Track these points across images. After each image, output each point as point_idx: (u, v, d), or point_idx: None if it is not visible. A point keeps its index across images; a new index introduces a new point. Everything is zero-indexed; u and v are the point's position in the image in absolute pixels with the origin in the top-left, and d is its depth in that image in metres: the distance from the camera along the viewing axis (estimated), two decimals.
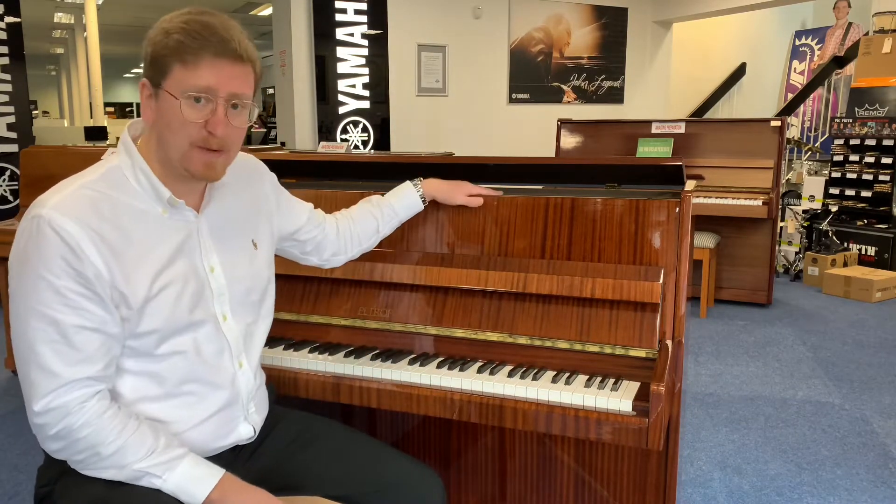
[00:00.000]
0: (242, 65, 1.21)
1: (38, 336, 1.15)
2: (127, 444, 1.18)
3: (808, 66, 9.50)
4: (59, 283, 1.14)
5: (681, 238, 1.59)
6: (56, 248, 1.13)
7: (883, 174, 5.76)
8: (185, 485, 1.21)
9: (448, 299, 1.69)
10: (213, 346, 1.31)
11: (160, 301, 1.23)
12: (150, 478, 1.20)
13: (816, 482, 2.55)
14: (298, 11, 6.43)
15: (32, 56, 11.05)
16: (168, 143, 1.21)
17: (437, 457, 1.95)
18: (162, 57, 1.18)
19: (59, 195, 1.17)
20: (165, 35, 1.17)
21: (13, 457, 2.74)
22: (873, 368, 3.70)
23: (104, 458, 1.18)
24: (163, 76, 1.19)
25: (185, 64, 1.17)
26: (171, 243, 1.26)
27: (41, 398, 1.15)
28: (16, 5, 5.06)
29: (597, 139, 5.07)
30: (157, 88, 1.20)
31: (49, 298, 1.14)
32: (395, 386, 1.55)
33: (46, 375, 1.15)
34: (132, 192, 1.23)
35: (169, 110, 1.19)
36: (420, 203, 1.76)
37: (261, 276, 1.44)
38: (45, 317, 1.14)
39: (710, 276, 4.72)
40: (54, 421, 1.16)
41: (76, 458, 1.20)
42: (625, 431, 1.37)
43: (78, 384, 1.16)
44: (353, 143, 6.63)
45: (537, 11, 7.72)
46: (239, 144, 1.29)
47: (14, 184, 5.07)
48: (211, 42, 1.17)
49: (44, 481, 1.29)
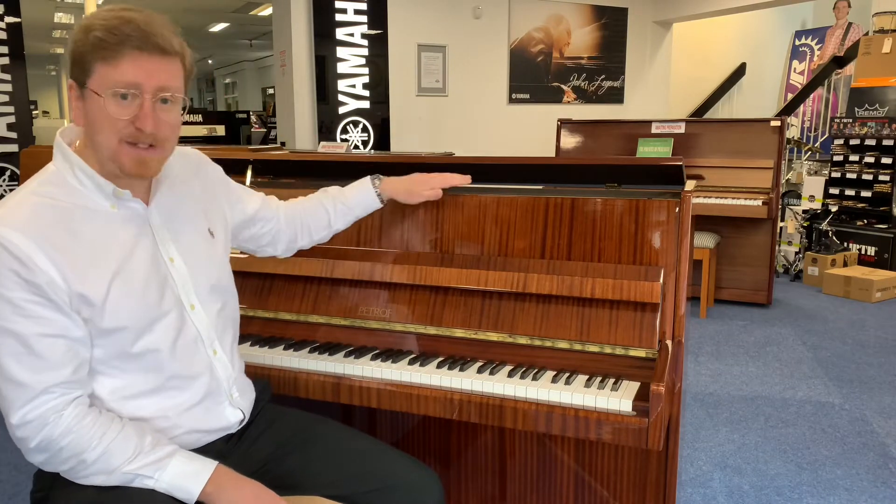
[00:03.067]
0: (167, 58, 1.19)
1: (1, 350, 1.14)
2: (111, 447, 1.18)
3: (808, 66, 9.49)
4: (12, 295, 1.13)
5: (681, 238, 1.59)
6: (4, 261, 1.13)
7: (883, 174, 5.76)
8: (178, 482, 1.20)
9: (448, 299, 1.69)
10: (185, 337, 1.31)
11: (123, 296, 1.22)
12: (142, 479, 1.19)
13: (816, 482, 2.55)
14: (298, 11, 6.43)
15: (32, 56, 11.04)
16: (98, 142, 1.20)
17: (437, 457, 1.95)
18: (83, 55, 1.17)
19: (3, 208, 1.17)
20: (86, 33, 1.16)
21: (13, 457, 2.74)
22: (873, 368, 3.70)
23: (90, 464, 1.18)
24: (87, 75, 1.17)
25: (106, 61, 1.15)
26: (125, 238, 1.26)
27: (17, 411, 1.15)
28: (16, 5, 5.06)
29: (597, 139, 5.07)
30: (82, 88, 1.19)
31: (4, 311, 1.13)
32: (395, 386, 1.55)
33: (16, 387, 1.15)
34: (76, 192, 1.23)
35: (95, 109, 1.18)
36: (377, 201, 1.74)
37: (223, 263, 1.44)
38: (4, 330, 1.14)
39: (710, 276, 4.72)
40: (33, 433, 1.16)
41: (63, 468, 1.19)
42: (625, 431, 1.38)
43: (51, 393, 1.16)
44: (353, 143, 6.63)
45: (537, 11, 7.71)
46: (174, 139, 1.27)
47: (14, 184, 5.07)
48: (131, 37, 1.15)
49: (39, 486, 1.30)
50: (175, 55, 1.21)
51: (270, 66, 15.51)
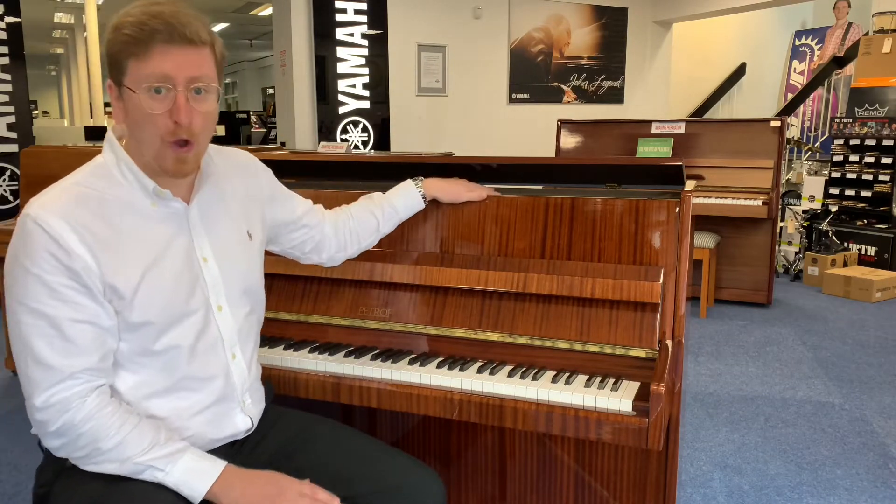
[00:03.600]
0: (197, 48, 1.19)
1: (32, 331, 1.15)
2: (128, 438, 1.19)
3: (808, 66, 9.50)
4: (49, 278, 1.15)
5: (681, 238, 1.59)
6: (42, 243, 1.14)
7: (883, 174, 5.76)
8: (187, 477, 1.21)
9: (448, 299, 1.69)
10: (207, 338, 1.31)
11: (153, 291, 1.23)
12: (153, 471, 1.20)
13: (816, 482, 2.55)
14: (298, 11, 6.43)
15: (32, 56, 11.03)
16: (141, 141, 1.21)
17: (437, 457, 1.95)
18: (116, 54, 1.18)
19: (46, 195, 1.19)
20: (116, 31, 1.17)
21: (13, 457, 2.74)
22: (873, 368, 3.70)
23: (105, 451, 1.18)
24: (122, 73, 1.18)
25: (137, 57, 1.16)
26: (162, 234, 1.27)
27: (41, 393, 1.16)
28: (16, 5, 5.06)
29: (597, 139, 5.06)
30: (119, 87, 1.20)
31: (39, 293, 1.15)
32: (395, 386, 1.55)
33: (44, 370, 1.16)
34: (119, 186, 1.24)
35: (133, 107, 1.19)
36: (421, 202, 1.76)
37: (257, 267, 1.45)
38: (37, 312, 1.15)
39: (710, 276, 4.72)
40: (55, 416, 1.16)
41: (77, 455, 1.20)
42: (625, 431, 1.37)
43: (77, 379, 1.17)
44: (353, 143, 6.63)
45: (537, 11, 7.72)
46: (210, 131, 1.27)
47: (14, 184, 5.07)
48: (159, 31, 1.15)
49: (41, 481, 1.30)
50: (205, 45, 1.21)
51: (270, 66, 15.52)
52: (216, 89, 1.24)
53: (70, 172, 1.27)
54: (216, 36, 1.24)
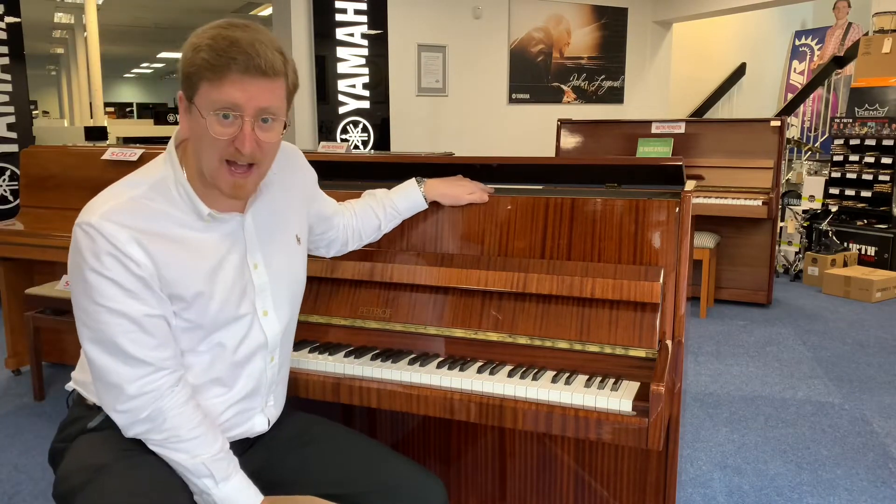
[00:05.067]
0: (269, 79, 1.19)
1: (115, 329, 1.19)
2: (204, 435, 1.24)
3: (808, 66, 9.50)
4: (117, 278, 1.18)
5: (681, 238, 1.59)
6: (105, 247, 1.17)
7: (883, 174, 5.76)
8: (234, 497, 1.25)
9: (448, 299, 1.69)
10: (250, 341, 1.35)
11: (208, 300, 1.27)
12: (208, 480, 1.24)
13: (816, 482, 2.55)
14: (298, 11, 6.43)
15: (32, 56, 11.03)
16: (201, 157, 1.23)
17: (438, 457, 1.95)
18: (191, 74, 1.19)
19: (107, 205, 1.21)
20: (194, 51, 1.18)
21: (13, 457, 2.74)
22: (873, 368, 3.70)
23: (182, 440, 1.23)
24: (193, 92, 1.20)
25: (210, 81, 1.17)
26: (217, 247, 1.30)
27: (134, 383, 1.20)
28: (16, 5, 5.06)
29: (597, 139, 5.06)
30: (189, 103, 1.22)
31: (113, 293, 1.18)
32: (395, 386, 1.55)
33: (134, 363, 1.20)
34: (175, 203, 1.27)
35: (199, 126, 1.21)
36: (423, 203, 1.77)
37: (301, 271, 1.48)
38: (115, 311, 1.19)
39: (710, 276, 4.72)
40: (147, 404, 1.21)
41: (155, 437, 1.24)
42: (625, 431, 1.37)
43: (167, 369, 1.23)
44: (353, 143, 6.63)
45: (537, 11, 7.71)
46: (272, 157, 1.29)
47: (14, 184, 5.07)
48: (237, 60, 1.15)
49: (63, 436, 1.34)
50: (279, 76, 1.21)
51: None
52: (283, 120, 1.25)
53: (70, 172, 1.29)
54: (292, 64, 1.25)
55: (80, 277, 1.19)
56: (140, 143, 3.83)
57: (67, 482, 1.23)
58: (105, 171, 3.32)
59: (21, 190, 3.55)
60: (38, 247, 3.27)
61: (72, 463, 1.26)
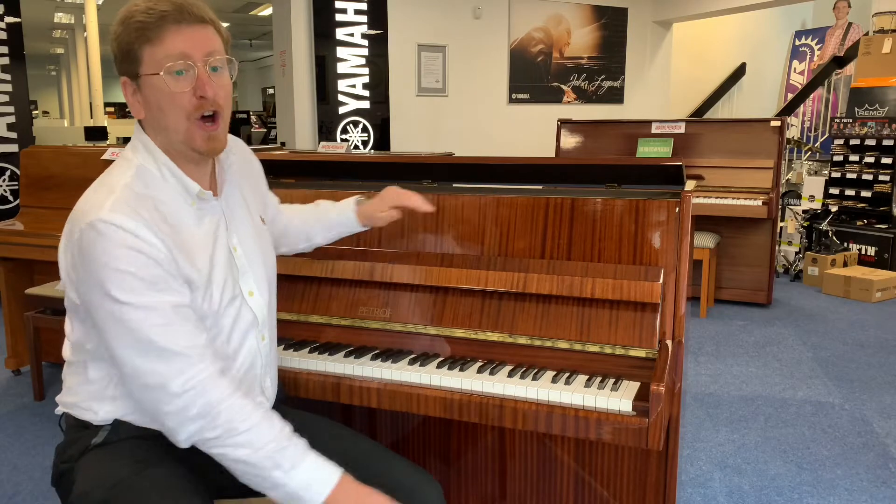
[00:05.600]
0: (205, 26, 1.24)
1: (144, 325, 1.16)
2: (260, 422, 1.20)
3: (808, 66, 9.49)
4: (136, 270, 1.16)
5: (681, 238, 1.59)
6: (121, 241, 1.15)
7: (883, 174, 5.76)
8: (310, 480, 1.18)
9: (448, 299, 1.69)
10: (242, 323, 1.36)
11: (212, 283, 1.28)
12: (277, 472, 1.18)
13: (816, 482, 2.55)
14: (298, 11, 6.43)
15: (32, 56, 11.03)
16: (167, 126, 1.23)
17: (437, 457, 1.95)
18: (129, 44, 1.20)
19: (109, 199, 1.18)
20: (126, 23, 1.20)
21: (13, 457, 2.74)
22: (873, 368, 3.70)
23: (240, 433, 1.18)
24: (137, 64, 1.21)
25: (151, 42, 1.19)
26: (207, 229, 1.31)
27: (176, 378, 1.16)
28: (16, 5, 5.06)
29: (597, 139, 5.07)
30: (136, 79, 1.22)
31: (135, 286, 1.16)
32: (395, 386, 1.55)
33: (171, 357, 1.17)
34: (163, 188, 1.26)
35: (156, 93, 1.21)
36: (357, 225, 1.70)
37: (271, 251, 1.50)
38: (140, 306, 1.16)
39: (710, 276, 4.72)
40: (194, 399, 1.17)
41: (210, 436, 1.18)
42: (625, 431, 1.37)
43: (206, 360, 1.20)
44: (353, 143, 6.63)
45: (537, 11, 7.72)
46: (230, 106, 1.31)
47: (14, 184, 5.07)
48: (169, 12, 1.19)
49: (64, 458, 1.31)
50: (210, 23, 1.25)
51: (270, 66, 15.50)
52: (229, 63, 1.28)
53: (70, 172, 1.28)
54: (216, 17, 1.29)
55: (97, 282, 1.16)
56: None
57: (88, 498, 1.21)
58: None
59: (21, 190, 3.55)
60: (38, 247, 3.27)
61: (86, 482, 1.23)
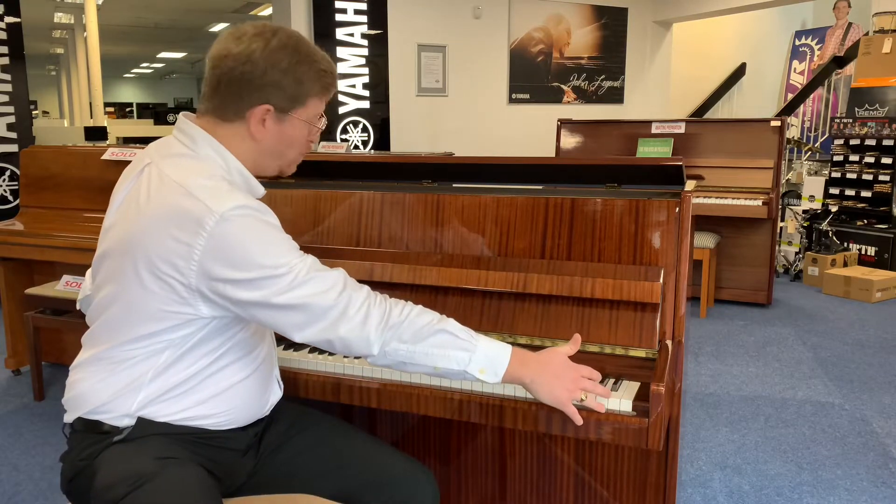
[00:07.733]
0: None
1: (300, 263, 1.23)
2: (411, 313, 1.29)
3: (808, 66, 9.50)
4: (282, 239, 1.24)
5: (681, 238, 1.59)
6: (258, 218, 1.22)
7: (883, 174, 5.76)
8: (491, 354, 1.28)
9: (448, 299, 1.69)
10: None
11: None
12: (462, 353, 1.27)
13: (816, 482, 2.55)
14: (298, 11, 6.43)
15: (32, 56, 11.03)
16: (285, 156, 1.38)
17: (437, 457, 1.95)
18: (302, 86, 1.30)
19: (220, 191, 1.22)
20: (310, 65, 1.30)
21: (13, 457, 2.74)
22: (873, 368, 3.70)
23: (416, 313, 1.29)
24: (297, 104, 1.32)
25: (320, 97, 1.35)
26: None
27: (340, 280, 1.25)
28: (16, 5, 5.06)
29: (597, 139, 5.07)
30: (283, 114, 1.30)
31: (285, 250, 1.23)
32: (394, 386, 1.55)
33: (327, 273, 1.25)
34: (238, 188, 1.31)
35: (296, 133, 1.34)
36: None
37: None
38: (293, 248, 1.24)
39: (710, 276, 4.72)
40: (362, 289, 1.27)
41: (396, 320, 1.27)
42: (625, 431, 1.37)
43: (353, 283, 1.28)
44: (353, 143, 6.63)
45: (537, 11, 7.72)
46: None
47: (14, 184, 5.07)
48: (335, 77, 1.38)
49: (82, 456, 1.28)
50: None
51: None
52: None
53: (70, 172, 1.29)
54: None
55: (256, 265, 1.20)
56: (140, 144, 3.83)
57: (112, 491, 1.21)
58: (105, 172, 3.32)
59: (21, 190, 3.55)
60: (38, 247, 3.27)
61: (110, 475, 1.23)
